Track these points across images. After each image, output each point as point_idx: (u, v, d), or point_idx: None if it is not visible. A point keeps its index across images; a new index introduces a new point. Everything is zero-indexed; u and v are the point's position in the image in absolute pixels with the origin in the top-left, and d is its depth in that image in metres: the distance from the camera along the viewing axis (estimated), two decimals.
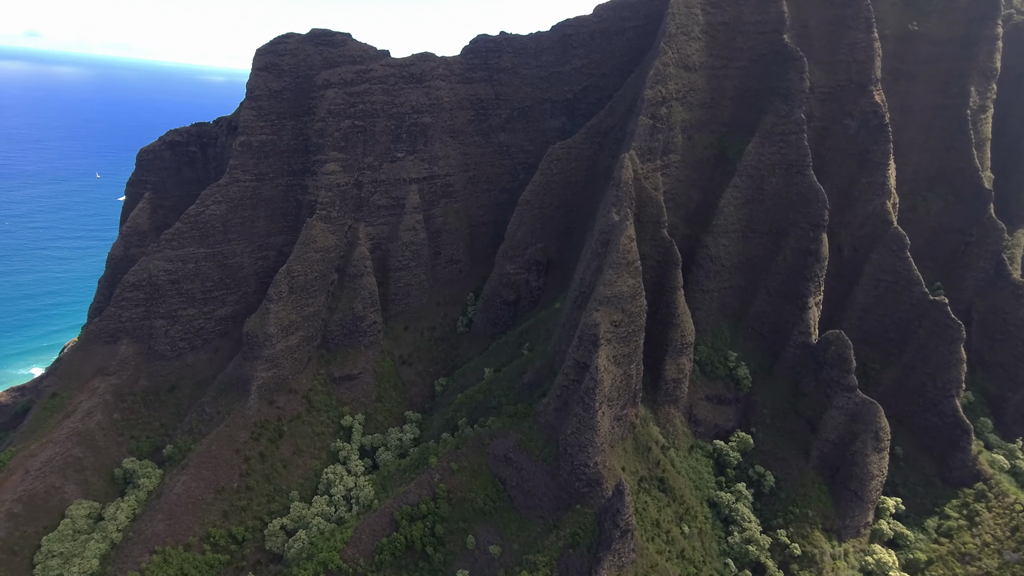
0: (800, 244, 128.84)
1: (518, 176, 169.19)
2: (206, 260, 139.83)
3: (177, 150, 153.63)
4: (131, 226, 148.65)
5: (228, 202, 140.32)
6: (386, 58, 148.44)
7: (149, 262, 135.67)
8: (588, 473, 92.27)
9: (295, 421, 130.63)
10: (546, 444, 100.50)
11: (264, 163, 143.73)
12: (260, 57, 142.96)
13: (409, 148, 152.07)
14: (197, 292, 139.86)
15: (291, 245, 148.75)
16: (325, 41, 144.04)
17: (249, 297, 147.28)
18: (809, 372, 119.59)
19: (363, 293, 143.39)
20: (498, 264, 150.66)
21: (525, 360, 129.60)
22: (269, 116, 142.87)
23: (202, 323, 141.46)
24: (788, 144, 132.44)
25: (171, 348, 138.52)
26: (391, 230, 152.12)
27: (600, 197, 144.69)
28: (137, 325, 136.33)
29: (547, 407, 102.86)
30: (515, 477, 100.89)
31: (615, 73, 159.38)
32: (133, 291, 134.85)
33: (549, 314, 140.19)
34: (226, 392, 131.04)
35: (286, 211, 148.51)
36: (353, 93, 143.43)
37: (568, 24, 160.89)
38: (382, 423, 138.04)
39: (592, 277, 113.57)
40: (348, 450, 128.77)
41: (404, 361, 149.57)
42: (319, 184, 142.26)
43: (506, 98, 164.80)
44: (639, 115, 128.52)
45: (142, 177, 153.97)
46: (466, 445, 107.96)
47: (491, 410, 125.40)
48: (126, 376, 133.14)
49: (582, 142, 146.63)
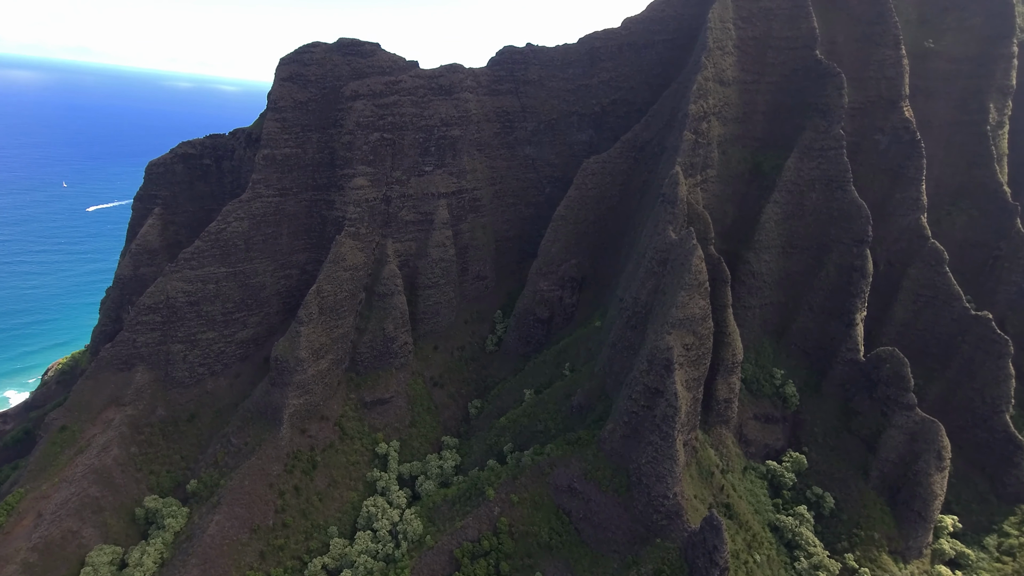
0: (843, 260, 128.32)
1: (544, 190, 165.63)
2: (227, 280, 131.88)
3: (190, 163, 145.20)
4: (141, 243, 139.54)
5: (250, 218, 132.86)
6: (415, 69, 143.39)
7: (166, 283, 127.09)
8: (667, 505, 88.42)
9: (328, 450, 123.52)
10: (614, 473, 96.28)
11: (288, 177, 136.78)
12: (284, 67, 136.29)
13: (438, 162, 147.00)
14: (217, 314, 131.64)
15: (315, 263, 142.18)
16: (353, 51, 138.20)
17: (271, 318, 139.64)
18: (861, 390, 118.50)
19: (394, 313, 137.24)
20: (531, 281, 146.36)
21: (569, 382, 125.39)
22: (293, 128, 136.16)
23: (222, 347, 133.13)
24: (827, 160, 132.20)
25: (190, 374, 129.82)
26: (419, 246, 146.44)
27: (636, 212, 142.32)
28: (153, 350, 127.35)
29: (612, 434, 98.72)
30: (582, 509, 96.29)
31: (644, 87, 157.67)
32: (149, 314, 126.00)
33: (588, 332, 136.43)
34: (253, 421, 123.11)
35: (310, 227, 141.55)
36: (382, 105, 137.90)
37: (596, 37, 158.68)
38: (418, 449, 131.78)
39: (648, 297, 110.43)
40: (386, 480, 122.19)
41: (436, 383, 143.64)
42: (347, 199, 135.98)
43: (532, 111, 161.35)
44: (682, 130, 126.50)
45: (151, 191, 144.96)
46: (524, 475, 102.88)
47: (538, 435, 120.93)
48: (142, 406, 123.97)
49: (617, 156, 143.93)
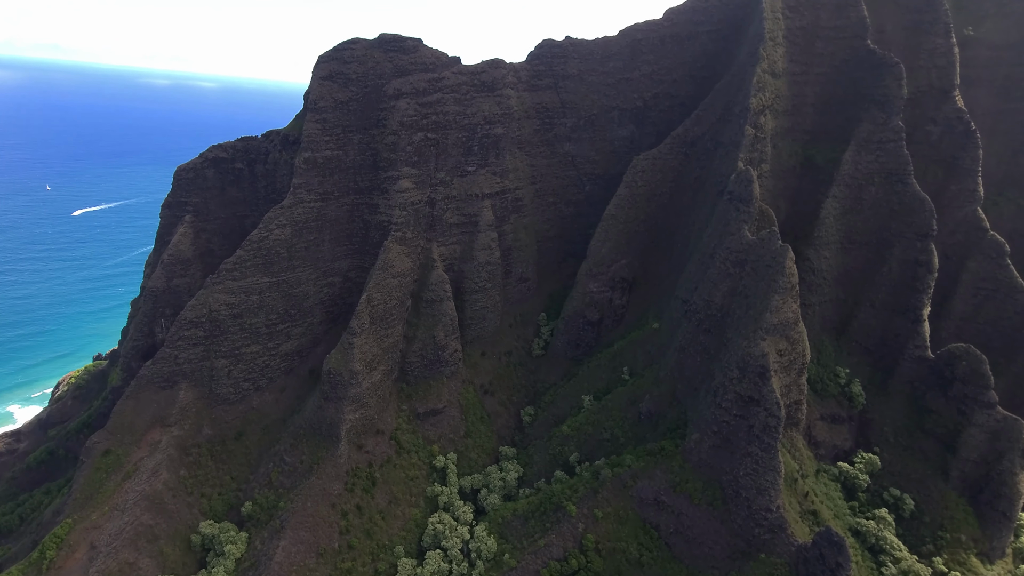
0: (907, 255, 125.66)
1: (584, 188, 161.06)
2: (270, 290, 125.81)
3: (221, 168, 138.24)
4: (173, 254, 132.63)
5: (292, 225, 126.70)
6: (457, 65, 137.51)
7: (208, 295, 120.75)
8: (770, 519, 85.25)
9: (386, 465, 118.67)
10: (705, 486, 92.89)
11: (329, 181, 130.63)
12: (323, 65, 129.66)
13: (481, 161, 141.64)
14: (261, 326, 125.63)
15: (358, 270, 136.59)
16: (395, 47, 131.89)
17: (315, 328, 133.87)
18: (933, 387, 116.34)
19: (444, 320, 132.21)
20: (580, 282, 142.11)
21: (632, 387, 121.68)
22: (334, 130, 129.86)
23: (267, 360, 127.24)
24: (886, 152, 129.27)
25: (234, 390, 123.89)
26: (464, 250, 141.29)
27: (689, 210, 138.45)
28: (196, 367, 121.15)
29: (700, 444, 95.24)
30: (672, 523, 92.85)
31: (687, 79, 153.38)
32: (191, 329, 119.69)
33: (644, 335, 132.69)
34: (306, 438, 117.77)
35: (352, 233, 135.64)
36: (425, 103, 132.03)
37: (637, 29, 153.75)
38: (476, 460, 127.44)
39: (724, 300, 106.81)
40: (448, 494, 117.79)
41: (486, 390, 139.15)
42: (391, 203, 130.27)
43: (572, 106, 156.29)
44: (742, 124, 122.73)
45: (181, 198, 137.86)
46: (605, 488, 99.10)
47: (604, 443, 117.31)
48: (188, 426, 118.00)
49: (667, 152, 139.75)
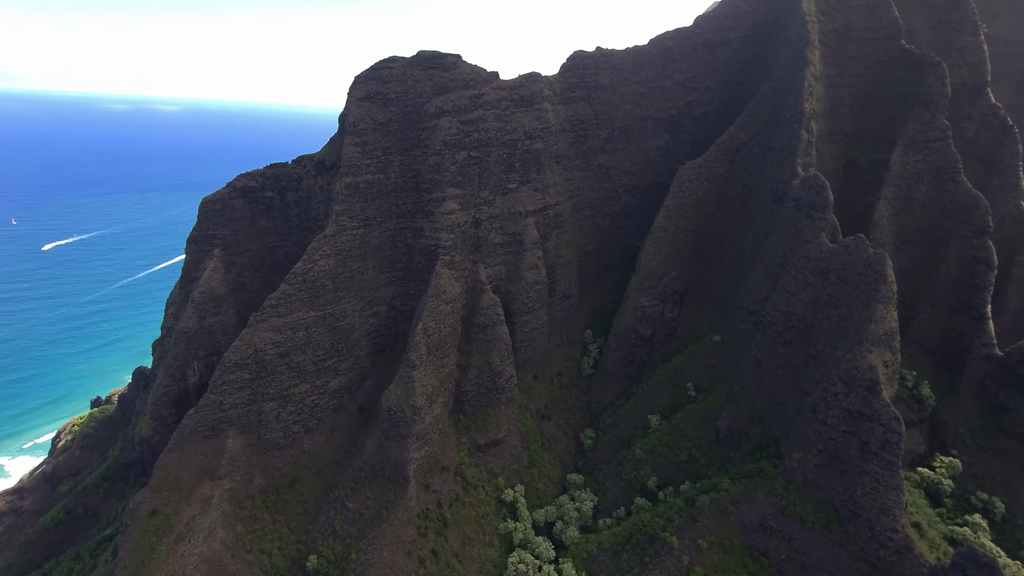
0: (964, 252, 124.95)
1: (619, 200, 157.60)
2: (316, 325, 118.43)
3: (251, 197, 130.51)
4: (205, 291, 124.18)
5: (336, 255, 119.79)
6: (496, 80, 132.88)
7: (253, 335, 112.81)
8: (896, 539, 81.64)
9: (455, 504, 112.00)
10: (816, 507, 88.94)
11: (371, 206, 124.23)
12: (361, 85, 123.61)
13: (522, 178, 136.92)
14: (309, 364, 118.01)
15: (403, 297, 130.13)
16: (435, 64, 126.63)
17: (362, 362, 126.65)
18: (1007, 386, 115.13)
19: (498, 345, 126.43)
20: (631, 297, 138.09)
21: (704, 404, 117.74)
22: (375, 152, 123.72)
23: (315, 399, 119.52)
24: (934, 151, 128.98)
25: (284, 434, 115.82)
26: (509, 270, 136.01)
27: (739, 218, 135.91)
28: (243, 412, 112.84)
29: (804, 464, 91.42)
30: (784, 549, 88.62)
31: (721, 86, 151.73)
32: (236, 371, 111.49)
33: (705, 348, 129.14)
34: (368, 481, 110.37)
35: (395, 259, 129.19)
36: (467, 121, 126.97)
37: (668, 37, 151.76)
38: (543, 491, 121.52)
39: (805, 310, 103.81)
40: (522, 530, 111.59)
41: (543, 415, 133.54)
42: (438, 225, 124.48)
43: (605, 117, 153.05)
44: (797, 129, 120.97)
45: (208, 231, 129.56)
46: (705, 516, 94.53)
47: (682, 465, 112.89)
48: (239, 477, 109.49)
49: (712, 160, 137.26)
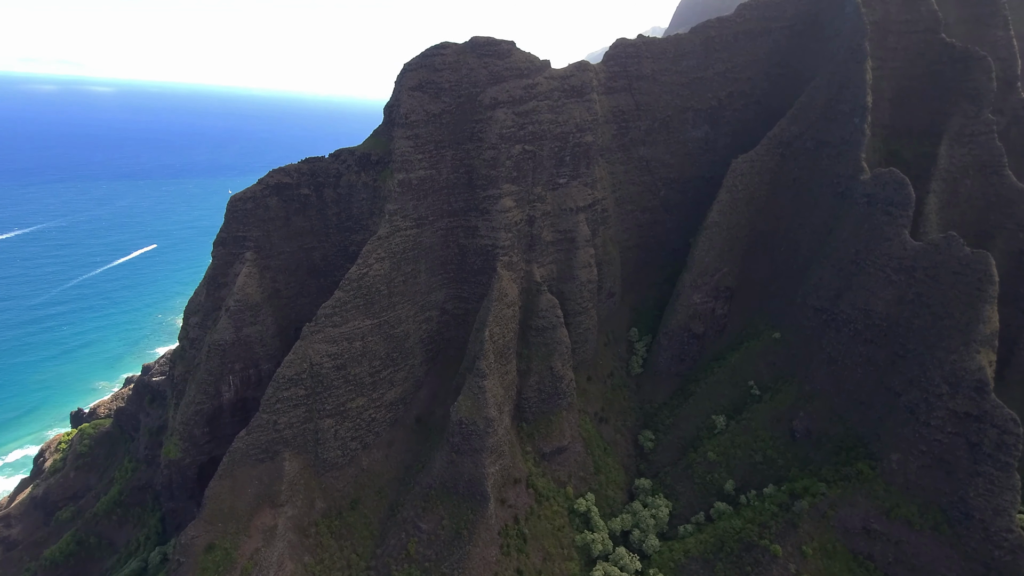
0: (1010, 245, 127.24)
1: (659, 193, 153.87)
2: (372, 334, 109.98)
3: (285, 195, 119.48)
4: (241, 299, 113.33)
5: (391, 257, 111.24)
6: (548, 70, 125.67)
7: (307, 347, 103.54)
8: (1011, 539, 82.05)
9: (531, 518, 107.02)
10: (922, 509, 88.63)
11: (423, 204, 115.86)
12: (412, 74, 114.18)
13: (572, 172, 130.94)
14: (365, 376, 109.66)
15: (455, 300, 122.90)
16: (489, 51, 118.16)
17: (416, 371, 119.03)
18: None
19: (559, 348, 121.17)
20: (683, 294, 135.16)
21: (772, 404, 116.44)
22: (427, 146, 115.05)
23: (372, 413, 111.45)
24: (979, 145, 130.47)
25: (342, 453, 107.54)
26: (561, 269, 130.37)
27: (793, 213, 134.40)
28: (298, 431, 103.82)
29: (905, 466, 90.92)
30: (891, 552, 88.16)
31: (761, 77, 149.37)
32: (290, 388, 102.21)
33: (763, 345, 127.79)
34: (440, 500, 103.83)
35: (447, 260, 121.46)
36: (521, 113, 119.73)
37: (710, 25, 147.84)
38: (612, 498, 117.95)
39: (888, 309, 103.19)
40: (601, 541, 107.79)
41: (601, 418, 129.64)
42: (495, 224, 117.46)
43: (646, 108, 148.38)
44: (860, 123, 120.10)
45: (239, 232, 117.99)
46: (805, 521, 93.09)
47: (759, 467, 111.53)
48: (300, 502, 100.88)
49: (764, 154, 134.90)
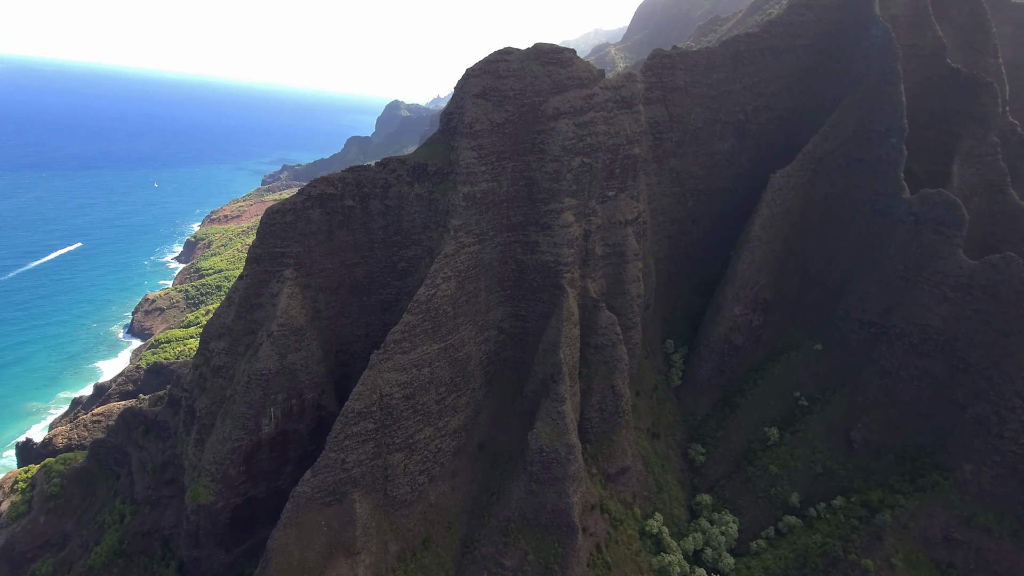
0: None
1: (687, 204, 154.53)
2: (439, 359, 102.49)
3: (328, 206, 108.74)
4: (285, 323, 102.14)
5: (456, 276, 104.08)
6: (603, 80, 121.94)
7: (376, 377, 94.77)
8: None
9: (611, 545, 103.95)
10: (998, 517, 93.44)
11: (484, 219, 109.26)
12: (476, 80, 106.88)
13: (621, 185, 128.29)
14: (432, 404, 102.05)
15: (511, 319, 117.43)
16: (553, 59, 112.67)
17: (476, 395, 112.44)
18: None
19: (619, 366, 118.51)
20: (725, 306, 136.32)
21: (825, 415, 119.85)
22: (489, 157, 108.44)
23: (438, 443, 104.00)
24: (986, 165, 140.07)
25: (411, 488, 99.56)
26: (611, 284, 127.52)
27: (824, 228, 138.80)
28: (367, 469, 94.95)
29: (979, 475, 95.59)
30: (971, 560, 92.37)
31: (785, 93, 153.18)
32: (360, 422, 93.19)
33: (804, 357, 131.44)
34: (521, 533, 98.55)
35: (504, 276, 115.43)
36: (581, 124, 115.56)
37: (739, 40, 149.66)
38: (677, 516, 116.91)
39: (944, 324, 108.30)
40: (677, 563, 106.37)
41: (652, 434, 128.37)
42: (557, 240, 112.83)
43: (679, 119, 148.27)
44: (898, 143, 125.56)
45: (276, 248, 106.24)
46: (889, 533, 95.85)
47: (819, 478, 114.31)
48: (374, 547, 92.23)
49: (799, 170, 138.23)
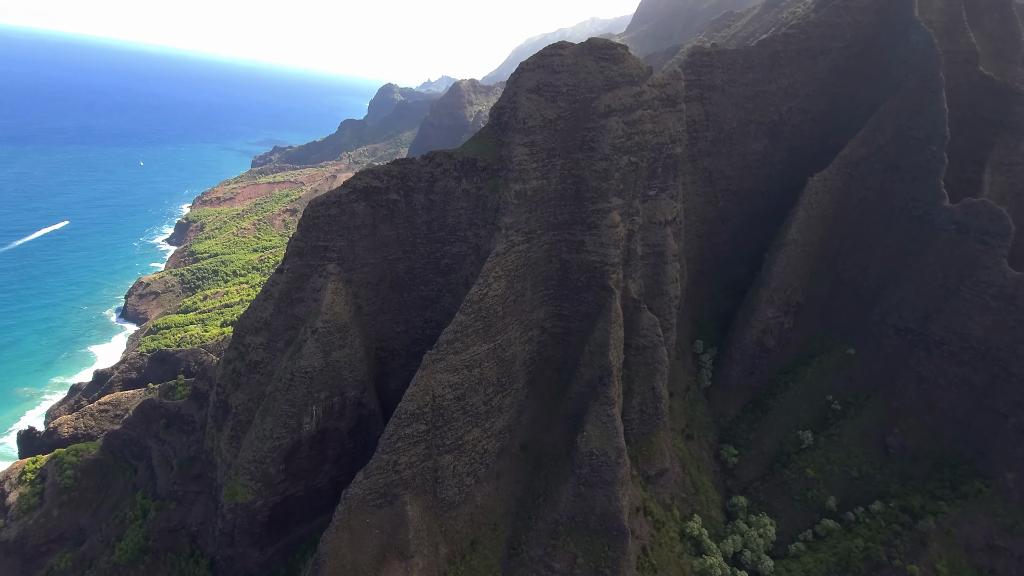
0: None
1: (717, 204, 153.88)
2: (488, 359, 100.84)
3: (373, 200, 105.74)
4: (330, 319, 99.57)
5: (507, 276, 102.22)
6: (651, 77, 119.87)
7: (429, 378, 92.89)
8: None
9: (655, 548, 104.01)
10: None
11: (533, 217, 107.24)
12: (529, 74, 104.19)
13: (661, 184, 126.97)
14: (480, 405, 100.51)
15: (554, 319, 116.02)
16: (606, 55, 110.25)
17: (520, 395, 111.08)
18: None
19: (660, 368, 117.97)
20: (759, 308, 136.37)
21: (860, 420, 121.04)
22: (540, 154, 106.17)
23: (485, 444, 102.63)
24: (1015, 174, 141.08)
25: (459, 490, 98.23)
26: (649, 284, 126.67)
27: (860, 233, 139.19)
28: (418, 471, 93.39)
29: (1021, 484, 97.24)
30: (1013, 567, 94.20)
31: (819, 95, 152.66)
32: (413, 424, 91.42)
33: (837, 361, 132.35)
34: (568, 536, 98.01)
35: (548, 275, 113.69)
36: (630, 122, 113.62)
37: (777, 40, 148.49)
38: (715, 518, 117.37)
39: (987, 333, 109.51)
40: (719, 565, 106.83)
41: (687, 435, 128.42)
42: (604, 240, 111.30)
43: (714, 119, 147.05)
44: (939, 151, 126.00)
45: (319, 242, 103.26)
46: (933, 539, 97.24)
47: (855, 483, 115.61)
48: (427, 551, 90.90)
49: (835, 173, 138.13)
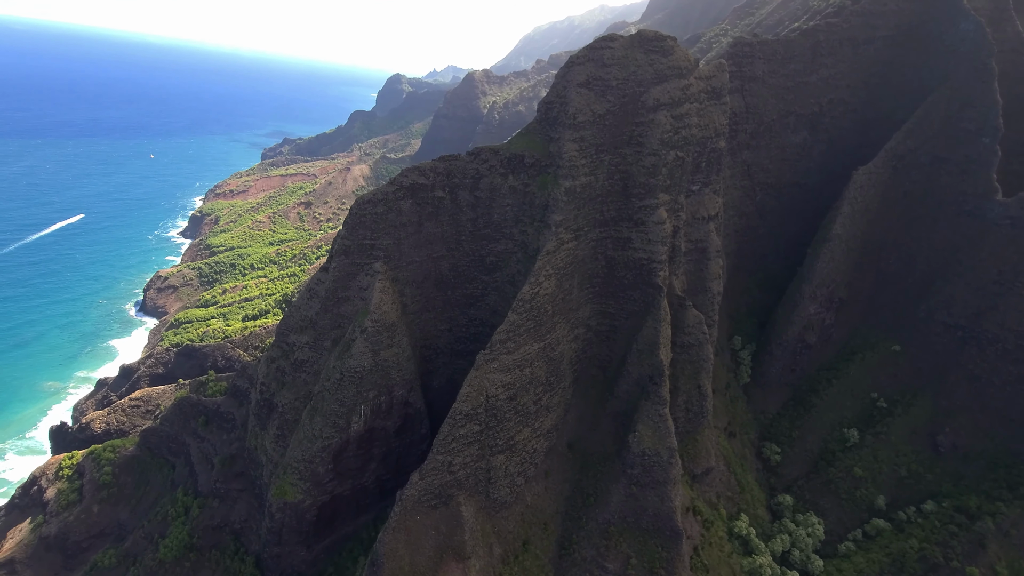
0: None
1: (755, 198, 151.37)
2: (538, 358, 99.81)
3: (419, 197, 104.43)
4: (378, 319, 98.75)
5: (556, 274, 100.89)
6: (698, 69, 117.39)
7: (483, 378, 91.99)
8: None
9: (705, 548, 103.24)
10: None
11: (581, 214, 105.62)
12: (579, 68, 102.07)
13: (705, 179, 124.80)
14: (530, 404, 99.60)
15: (599, 316, 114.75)
16: (656, 48, 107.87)
17: (566, 394, 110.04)
18: None
19: (706, 366, 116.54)
20: (802, 304, 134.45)
21: (909, 418, 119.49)
22: (589, 150, 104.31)
23: (534, 444, 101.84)
24: None
25: (511, 490, 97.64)
26: (691, 280, 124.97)
27: (906, 227, 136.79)
28: (471, 471, 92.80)
29: None
30: None
31: (861, 86, 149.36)
32: (467, 424, 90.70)
33: (882, 358, 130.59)
34: (620, 536, 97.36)
35: (593, 273, 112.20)
36: (678, 116, 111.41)
37: (819, 29, 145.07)
38: (761, 517, 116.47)
39: None
40: (768, 565, 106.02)
41: (729, 433, 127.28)
42: (651, 236, 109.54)
43: (754, 110, 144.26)
44: (992, 144, 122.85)
45: (366, 240, 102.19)
46: (991, 540, 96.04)
47: (905, 481, 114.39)
48: (482, 552, 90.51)
49: (880, 167, 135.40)
